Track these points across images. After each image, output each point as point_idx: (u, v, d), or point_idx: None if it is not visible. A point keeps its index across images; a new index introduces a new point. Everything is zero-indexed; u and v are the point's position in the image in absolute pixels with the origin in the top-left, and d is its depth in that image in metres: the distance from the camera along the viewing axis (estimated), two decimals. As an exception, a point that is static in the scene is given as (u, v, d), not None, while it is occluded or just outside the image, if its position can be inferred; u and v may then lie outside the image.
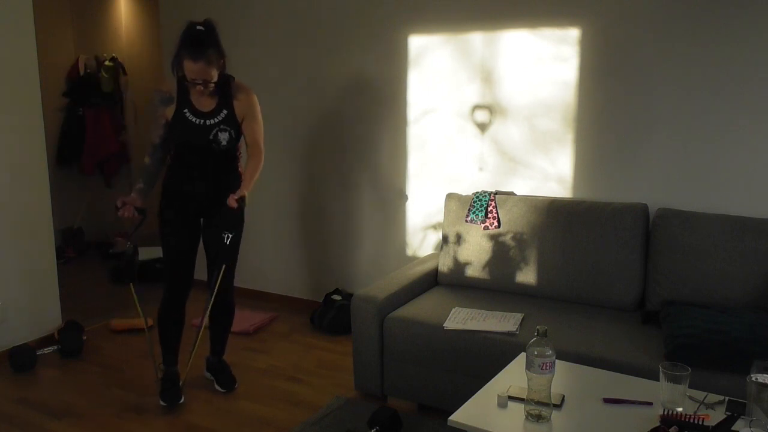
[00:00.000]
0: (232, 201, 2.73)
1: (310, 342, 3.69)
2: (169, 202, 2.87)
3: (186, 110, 2.75)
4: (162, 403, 2.91)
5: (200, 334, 3.00)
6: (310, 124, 4.02)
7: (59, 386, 3.17)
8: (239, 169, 2.95)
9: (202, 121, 2.75)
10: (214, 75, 2.67)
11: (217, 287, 2.93)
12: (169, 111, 2.77)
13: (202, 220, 2.95)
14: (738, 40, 2.79)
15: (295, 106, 4.05)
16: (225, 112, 2.78)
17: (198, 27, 2.63)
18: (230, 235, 2.86)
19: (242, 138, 2.89)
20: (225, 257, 2.92)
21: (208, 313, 2.99)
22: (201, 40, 2.59)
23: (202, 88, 2.66)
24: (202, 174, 2.83)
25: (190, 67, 2.60)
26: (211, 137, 2.76)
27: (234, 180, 2.91)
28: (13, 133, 3.42)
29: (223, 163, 2.87)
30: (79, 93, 5.51)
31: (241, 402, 2.99)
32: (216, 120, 2.77)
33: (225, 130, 2.78)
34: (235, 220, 2.86)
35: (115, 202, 2.77)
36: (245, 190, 2.77)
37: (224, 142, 2.78)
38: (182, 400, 2.94)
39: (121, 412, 2.90)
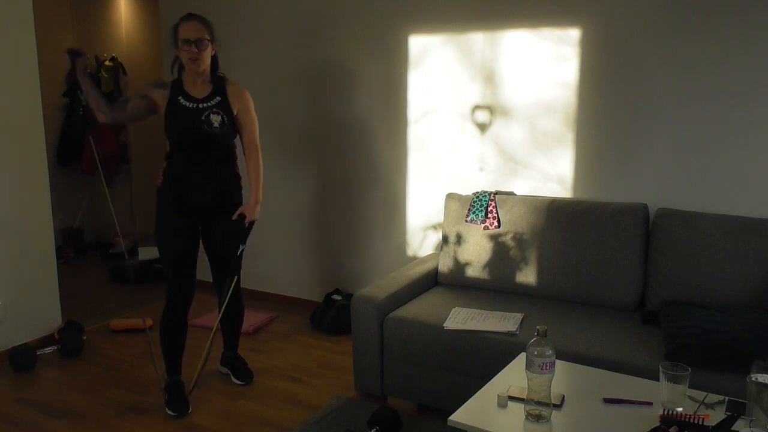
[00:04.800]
0: (251, 213, 2.85)
1: (310, 342, 3.69)
2: (168, 206, 2.83)
3: (180, 97, 2.79)
4: (170, 413, 2.85)
5: (211, 339, 3.02)
6: (309, 125, 4.02)
7: (59, 386, 3.17)
8: (237, 171, 2.95)
9: (194, 104, 2.78)
10: (206, 39, 2.73)
11: (228, 296, 2.98)
12: (159, 95, 2.80)
13: (200, 225, 2.94)
14: (738, 40, 2.79)
15: (294, 107, 4.05)
16: (218, 98, 2.83)
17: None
18: (243, 247, 2.91)
19: (236, 137, 2.92)
20: (238, 267, 2.97)
21: (219, 319, 3.02)
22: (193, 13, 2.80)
23: (195, 49, 2.70)
24: (202, 173, 2.81)
25: (184, 29, 2.71)
26: (203, 118, 2.77)
27: (234, 182, 2.93)
28: (13, 133, 3.42)
29: (222, 162, 2.86)
30: (80, 93, 5.51)
31: (241, 402, 2.99)
32: (208, 104, 2.80)
33: (217, 113, 2.80)
34: (248, 231, 2.91)
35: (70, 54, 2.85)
36: (257, 205, 2.87)
37: (216, 124, 2.78)
38: (190, 410, 2.88)
39: (121, 412, 2.90)
